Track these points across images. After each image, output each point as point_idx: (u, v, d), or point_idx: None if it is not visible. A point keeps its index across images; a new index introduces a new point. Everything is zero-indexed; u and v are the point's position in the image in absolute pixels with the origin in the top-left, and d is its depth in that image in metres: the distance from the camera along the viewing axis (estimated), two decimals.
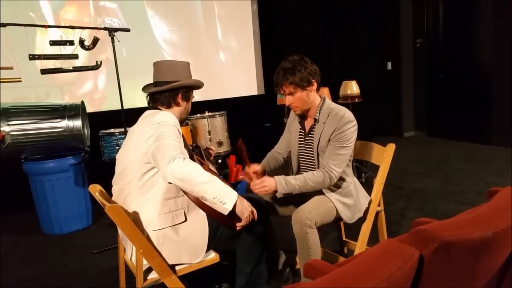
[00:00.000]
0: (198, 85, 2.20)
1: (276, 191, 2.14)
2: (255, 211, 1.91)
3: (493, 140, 5.94)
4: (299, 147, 2.41)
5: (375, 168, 2.47)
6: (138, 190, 1.94)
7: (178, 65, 2.19)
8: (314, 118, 2.30)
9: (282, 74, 2.20)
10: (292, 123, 2.49)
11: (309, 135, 2.34)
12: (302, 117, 2.39)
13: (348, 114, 2.23)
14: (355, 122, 2.23)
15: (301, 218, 2.11)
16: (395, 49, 7.21)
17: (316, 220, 2.13)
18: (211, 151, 2.61)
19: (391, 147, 2.40)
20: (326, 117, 2.25)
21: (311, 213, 2.12)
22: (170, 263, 1.94)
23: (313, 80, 2.22)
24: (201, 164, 2.02)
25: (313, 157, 2.33)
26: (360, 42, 7.04)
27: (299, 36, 6.27)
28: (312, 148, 2.32)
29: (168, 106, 2.12)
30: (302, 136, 2.39)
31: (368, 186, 2.51)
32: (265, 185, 2.12)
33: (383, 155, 2.41)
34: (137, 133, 2.01)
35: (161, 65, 2.19)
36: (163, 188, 1.93)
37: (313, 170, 2.28)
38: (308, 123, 2.37)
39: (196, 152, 2.39)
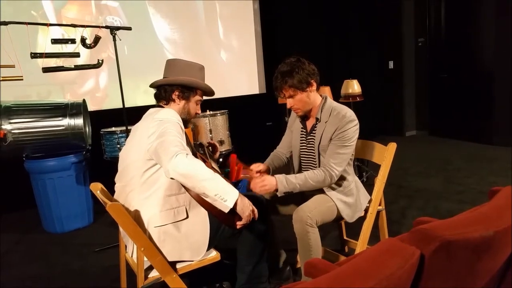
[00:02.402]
0: (198, 86, 2.17)
1: (276, 190, 2.14)
2: (255, 210, 1.91)
3: (494, 139, 5.93)
4: (301, 146, 2.41)
5: (376, 167, 2.47)
6: (140, 186, 1.95)
7: (187, 64, 2.18)
8: (316, 117, 2.30)
9: (280, 78, 2.19)
10: (293, 123, 2.49)
11: (311, 135, 2.34)
12: (304, 117, 2.39)
13: (350, 113, 2.23)
14: (356, 121, 2.23)
15: (302, 217, 2.11)
16: (396, 48, 7.20)
17: (317, 219, 2.13)
18: (216, 147, 2.59)
19: (393, 146, 2.39)
20: (328, 116, 2.25)
21: (312, 212, 2.12)
22: (171, 259, 1.94)
23: (312, 81, 2.21)
24: (204, 162, 2.03)
25: (314, 156, 2.33)
26: (362, 41, 7.03)
27: (301, 35, 6.27)
28: (314, 147, 2.32)
29: (167, 102, 2.13)
30: (303, 136, 2.39)
31: (369, 185, 2.51)
32: (266, 184, 2.11)
33: (384, 154, 2.41)
34: (140, 131, 2.02)
35: (171, 62, 2.20)
36: (165, 184, 1.94)
37: (315, 168, 2.29)
38: (309, 123, 2.36)
39: (199, 150, 2.39)
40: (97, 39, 3.12)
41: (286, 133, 2.56)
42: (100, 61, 3.29)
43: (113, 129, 3.81)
